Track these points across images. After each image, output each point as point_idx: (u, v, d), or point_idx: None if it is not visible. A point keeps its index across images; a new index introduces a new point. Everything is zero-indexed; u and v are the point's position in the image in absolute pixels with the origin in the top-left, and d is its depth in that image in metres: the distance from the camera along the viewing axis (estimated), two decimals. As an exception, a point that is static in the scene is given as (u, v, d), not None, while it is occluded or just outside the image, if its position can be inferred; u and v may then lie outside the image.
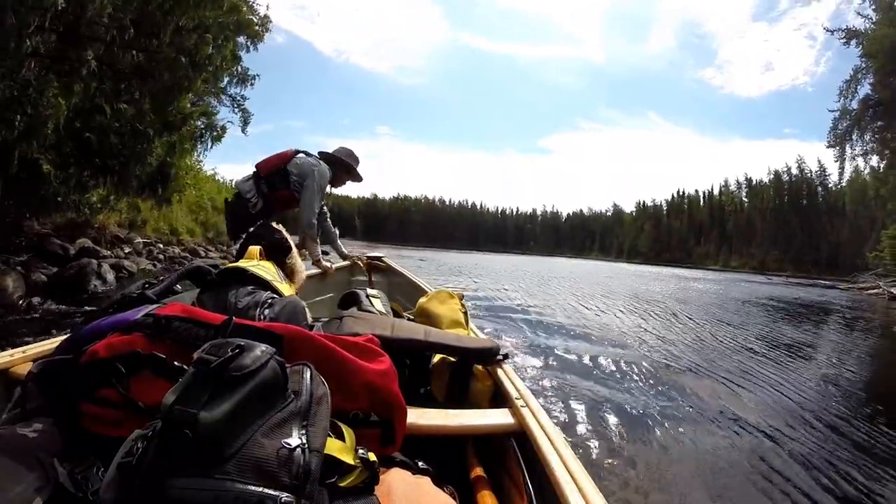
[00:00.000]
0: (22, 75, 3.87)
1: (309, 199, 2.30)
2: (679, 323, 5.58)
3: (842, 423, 2.45)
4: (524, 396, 0.92)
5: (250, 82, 9.47)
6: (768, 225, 55.88)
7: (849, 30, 18.38)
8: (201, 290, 1.00)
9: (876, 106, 17.53)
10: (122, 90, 5.34)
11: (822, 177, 54.58)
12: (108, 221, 7.19)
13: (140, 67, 5.27)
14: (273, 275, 1.06)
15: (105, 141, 5.27)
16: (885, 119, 17.40)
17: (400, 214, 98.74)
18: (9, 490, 0.50)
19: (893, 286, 14.85)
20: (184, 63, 5.48)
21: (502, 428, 0.86)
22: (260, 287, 0.98)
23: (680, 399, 2.65)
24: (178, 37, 5.32)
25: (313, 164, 2.34)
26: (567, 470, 0.65)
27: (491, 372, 1.09)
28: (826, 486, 1.74)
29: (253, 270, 1.02)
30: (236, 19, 7.43)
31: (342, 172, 2.55)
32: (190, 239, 10.09)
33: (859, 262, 28.35)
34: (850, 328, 6.83)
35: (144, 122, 5.60)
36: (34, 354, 0.94)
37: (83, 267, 4.64)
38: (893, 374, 4.20)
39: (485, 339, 1.25)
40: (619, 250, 78.59)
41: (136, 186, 6.57)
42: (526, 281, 10.40)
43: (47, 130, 4.21)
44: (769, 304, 9.28)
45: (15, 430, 0.62)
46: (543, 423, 0.81)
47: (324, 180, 2.35)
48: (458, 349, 1.07)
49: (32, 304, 3.72)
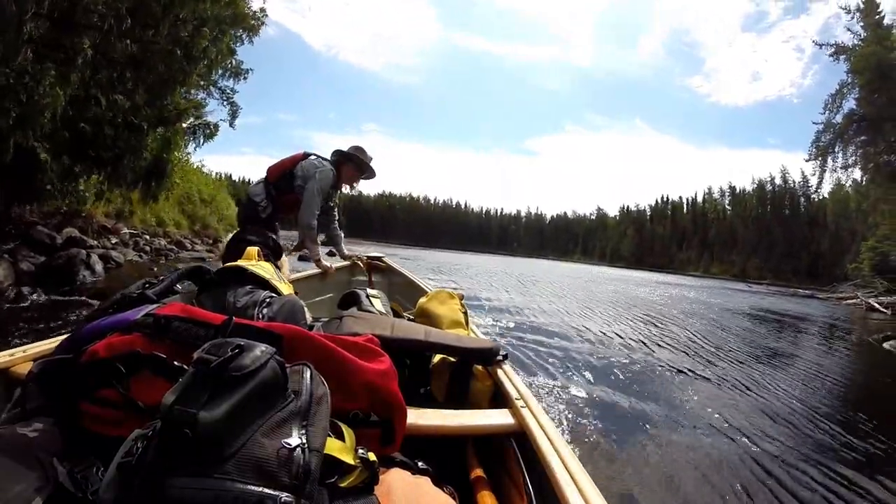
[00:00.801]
0: (18, 63, 3.80)
1: (308, 200, 2.33)
2: (674, 329, 5.60)
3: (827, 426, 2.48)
4: (524, 397, 0.92)
5: (244, 76, 9.31)
6: (750, 233, 56.66)
7: (837, 45, 18.66)
8: (200, 290, 1.00)
9: (860, 121, 17.85)
10: (116, 80, 5.26)
11: (805, 188, 55.30)
12: (95, 211, 7.10)
13: (135, 58, 5.20)
14: (272, 274, 1.07)
15: (100, 132, 5.21)
16: (869, 134, 17.72)
17: (384, 211, 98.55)
18: (9, 490, 0.50)
19: (871, 297, 15.12)
20: (179, 56, 5.41)
21: (502, 428, 0.86)
22: (259, 286, 0.99)
23: (679, 401, 2.66)
24: (174, 28, 5.25)
25: (316, 166, 2.38)
26: (567, 470, 0.65)
27: (491, 372, 1.08)
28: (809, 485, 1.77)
29: (252, 270, 1.02)
30: (233, 12, 7.34)
31: (353, 171, 2.57)
32: (176, 231, 10.01)
33: (839, 272, 28.79)
34: (831, 337, 6.87)
35: (139, 116, 5.54)
36: (34, 354, 0.94)
37: (72, 257, 4.56)
38: (872, 380, 4.30)
39: (485, 340, 1.25)
40: (601, 254, 79.21)
41: (130, 180, 6.48)
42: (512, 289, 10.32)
43: (44, 119, 4.13)
44: (753, 314, 9.31)
45: (15, 429, 0.62)
46: (543, 423, 0.81)
47: (325, 182, 2.37)
48: (459, 349, 1.07)
49: (22, 293, 3.66)
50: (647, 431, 2.16)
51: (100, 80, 5.08)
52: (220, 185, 14.86)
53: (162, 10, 5.05)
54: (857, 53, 17.42)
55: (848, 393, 3.44)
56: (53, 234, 5.44)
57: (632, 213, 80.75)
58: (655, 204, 77.54)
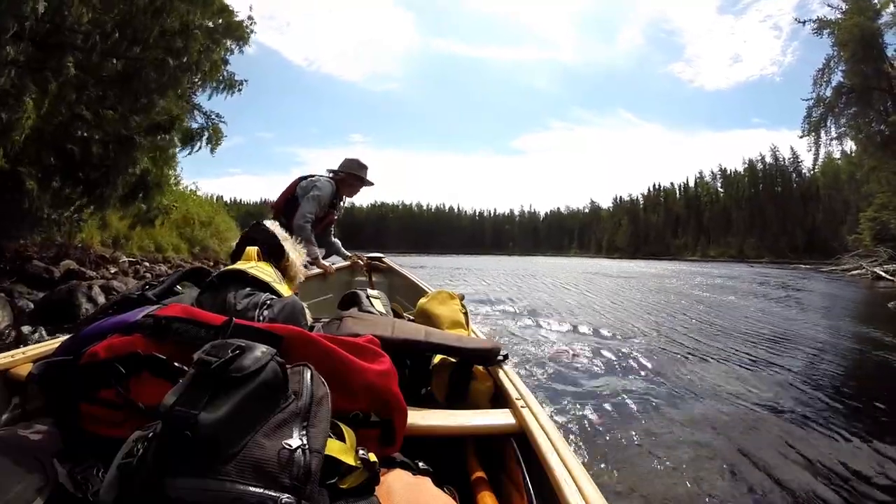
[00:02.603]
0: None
1: (303, 204, 2.51)
2: (680, 319, 5.56)
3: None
4: (524, 397, 0.92)
5: (238, 88, 8.82)
6: (744, 214, 56.69)
7: (820, 20, 18.90)
8: (201, 292, 1.00)
9: (849, 93, 18.14)
10: (103, 97, 5.06)
11: (796, 163, 55.59)
12: (92, 241, 6.92)
13: (125, 73, 5.04)
14: (272, 276, 1.07)
15: (87, 151, 4.94)
16: (859, 105, 18.01)
17: (377, 221, 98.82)
18: (9, 490, 0.50)
19: (876, 266, 15.19)
20: (171, 65, 5.23)
21: (503, 428, 0.86)
22: (259, 288, 0.99)
23: (685, 399, 2.64)
24: (163, 39, 5.12)
25: (315, 181, 2.60)
26: (568, 470, 0.65)
27: (491, 372, 1.09)
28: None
29: (252, 272, 1.02)
30: (225, 21, 7.17)
31: (353, 181, 2.77)
32: (175, 255, 9.82)
33: (836, 244, 28.90)
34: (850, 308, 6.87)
35: (129, 127, 5.28)
36: (35, 355, 0.94)
37: (72, 290, 4.29)
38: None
39: (485, 340, 1.25)
40: (598, 246, 78.96)
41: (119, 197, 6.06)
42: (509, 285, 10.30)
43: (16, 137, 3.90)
44: (760, 292, 9.26)
45: (15, 430, 0.63)
46: (544, 423, 0.81)
47: (324, 192, 2.56)
48: (459, 350, 1.07)
49: (23, 333, 3.45)
50: (649, 430, 2.16)
51: (87, 98, 4.85)
52: (217, 208, 14.47)
53: (150, 20, 4.89)
54: (840, 26, 17.63)
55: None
56: (51, 267, 5.25)
57: (625, 203, 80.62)
58: (648, 192, 77.46)
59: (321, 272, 2.60)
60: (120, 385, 0.58)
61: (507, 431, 0.86)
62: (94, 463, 0.56)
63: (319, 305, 2.45)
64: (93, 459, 0.56)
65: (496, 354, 1.09)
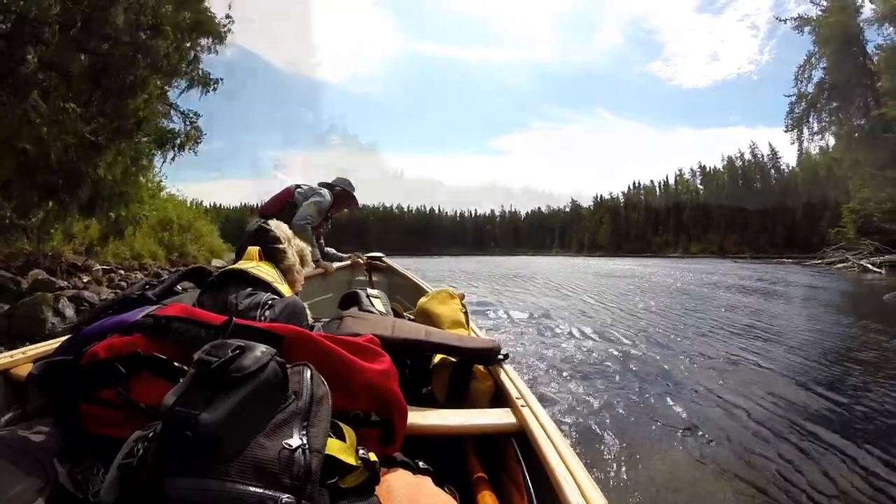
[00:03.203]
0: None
1: (304, 207, 2.58)
2: (674, 316, 5.55)
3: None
4: (525, 396, 0.92)
5: (213, 86, 8.56)
6: (724, 210, 57.08)
7: (801, 17, 19.26)
8: (201, 292, 1.00)
9: (831, 89, 18.52)
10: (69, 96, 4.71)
11: (774, 160, 56.37)
12: (63, 249, 6.62)
13: (92, 69, 4.79)
14: (273, 276, 1.07)
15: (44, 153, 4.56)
16: (840, 101, 18.39)
17: (359, 224, 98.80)
18: (9, 490, 0.50)
19: (861, 258, 15.15)
20: (141, 62, 4.95)
21: (503, 428, 0.86)
22: (260, 288, 0.99)
23: (683, 397, 2.64)
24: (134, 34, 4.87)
25: (315, 189, 2.71)
26: (568, 470, 0.65)
27: (492, 372, 1.09)
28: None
29: (253, 272, 1.02)
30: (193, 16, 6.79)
31: (343, 199, 2.90)
32: (153, 263, 9.45)
33: (816, 239, 28.92)
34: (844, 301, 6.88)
35: (92, 130, 4.93)
36: (35, 355, 0.94)
37: (37, 304, 3.93)
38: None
39: (486, 340, 1.25)
40: (579, 245, 79.10)
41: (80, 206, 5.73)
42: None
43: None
44: (760, 287, 9.25)
45: (16, 430, 0.63)
46: (544, 423, 0.80)
47: (324, 199, 2.66)
48: (459, 349, 1.07)
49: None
50: (649, 429, 2.16)
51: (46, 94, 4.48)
52: (198, 213, 13.89)
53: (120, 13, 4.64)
54: (820, 23, 17.95)
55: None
56: (18, 277, 4.90)
57: (606, 201, 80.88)
58: (628, 190, 77.91)
59: (321, 272, 2.61)
60: (120, 385, 0.58)
61: (507, 431, 0.86)
62: (94, 463, 0.56)
63: (319, 305, 2.45)
64: (93, 459, 0.57)
65: (496, 354, 1.09)
